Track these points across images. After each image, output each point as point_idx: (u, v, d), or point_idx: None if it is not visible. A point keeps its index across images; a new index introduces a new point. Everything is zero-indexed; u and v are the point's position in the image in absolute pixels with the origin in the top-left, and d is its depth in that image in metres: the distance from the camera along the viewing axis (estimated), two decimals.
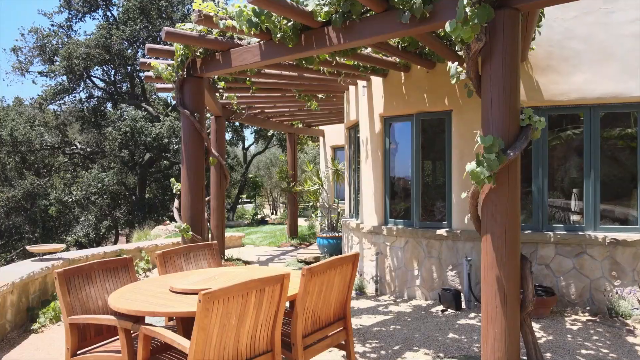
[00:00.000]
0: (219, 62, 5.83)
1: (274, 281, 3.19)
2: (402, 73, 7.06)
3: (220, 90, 8.06)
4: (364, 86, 7.74)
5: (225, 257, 10.08)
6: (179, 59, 5.89)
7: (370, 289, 7.39)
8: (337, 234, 9.76)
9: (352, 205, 8.94)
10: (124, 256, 4.28)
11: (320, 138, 15.27)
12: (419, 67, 6.86)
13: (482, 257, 3.80)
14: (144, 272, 8.89)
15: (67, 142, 19.78)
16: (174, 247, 6.21)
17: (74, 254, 7.78)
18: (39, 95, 19.01)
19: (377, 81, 7.44)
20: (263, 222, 20.22)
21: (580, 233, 6.07)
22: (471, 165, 3.64)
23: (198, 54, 5.89)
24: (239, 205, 28.94)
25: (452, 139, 6.70)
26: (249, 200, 22.08)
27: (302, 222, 18.38)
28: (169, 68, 6.14)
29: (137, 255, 9.31)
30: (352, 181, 8.94)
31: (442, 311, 6.12)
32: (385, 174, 7.41)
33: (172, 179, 6.28)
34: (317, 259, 9.79)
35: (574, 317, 5.85)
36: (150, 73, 7.21)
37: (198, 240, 6.00)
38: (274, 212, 39.85)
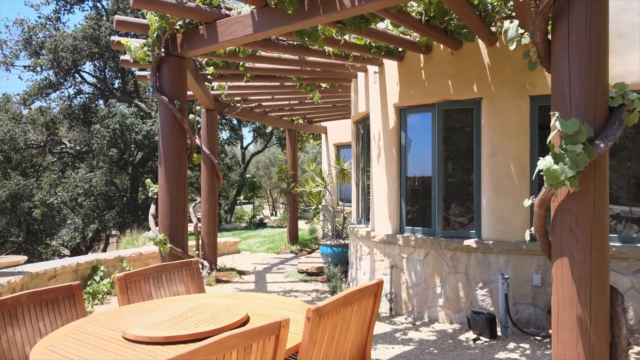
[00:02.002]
0: (203, 37, 4.79)
1: (266, 333, 2.14)
2: (422, 55, 6.01)
3: (209, 77, 7.00)
4: (375, 72, 6.69)
5: (218, 267, 9.04)
6: (155, 34, 4.85)
7: (383, 308, 6.34)
8: (342, 242, 8.72)
9: (360, 210, 7.89)
10: (70, 283, 3.24)
11: (323, 136, 14.22)
12: (442, 47, 5.82)
13: (554, 288, 2.75)
14: None
15: (55, 141, 18.70)
16: (142, 267, 5.18)
17: (38, 266, 6.73)
18: (24, 91, 17.97)
19: (391, 66, 6.39)
20: (261, 224, 19.19)
21: None
22: (546, 162, 2.58)
23: (178, 27, 4.85)
24: (238, 206, 27.88)
25: (482, 132, 5.65)
26: (246, 201, 20.99)
27: (302, 225, 17.34)
28: (145, 47, 5.09)
29: (118, 266, 8.26)
30: (360, 182, 7.90)
31: (474, 340, 5.06)
32: (400, 174, 6.37)
33: (148, 180, 5.23)
34: (320, 270, 8.74)
35: (637, 348, 4.80)
36: (128, 57, 6.18)
37: (178, 255, 4.95)
38: (274, 213, 38.80)
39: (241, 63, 6.66)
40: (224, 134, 35.78)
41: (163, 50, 4.99)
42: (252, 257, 11.31)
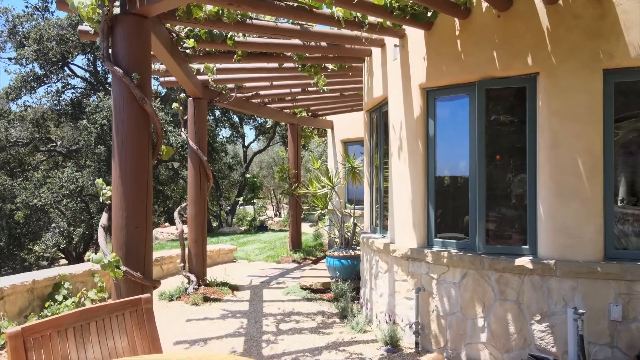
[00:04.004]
0: None
1: None
2: (457, 21, 4.70)
3: (189, 53, 5.71)
4: (396, 45, 5.38)
5: (207, 281, 7.76)
6: None
7: (406, 341, 5.04)
8: (352, 253, 7.41)
9: (374, 215, 6.59)
10: None
11: (328, 131, 12.91)
12: (485, 7, 4.51)
13: None
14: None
15: (42, 139, 17.47)
16: (52, 316, 3.88)
17: None
18: (8, 85, 16.78)
19: (416, 36, 5.09)
20: (262, 228, 17.91)
21: None
22: None
23: None
24: (241, 207, 26.54)
25: (539, 117, 4.34)
26: (246, 202, 19.72)
27: (306, 229, 16.04)
28: (94, 3, 3.80)
29: (88, 282, 7.00)
30: (374, 182, 6.60)
31: None
32: (427, 173, 5.07)
33: (99, 180, 3.95)
34: (326, 286, 7.44)
35: None
36: (87, 27, 4.93)
37: (136, 281, 3.67)
38: (278, 214, 37.50)
39: (229, 35, 5.37)
40: (224, 132, 34.57)
41: (117, 3, 3.72)
42: (249, 267, 10.02)
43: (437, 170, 5.05)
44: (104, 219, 3.86)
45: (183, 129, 7.77)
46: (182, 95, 7.44)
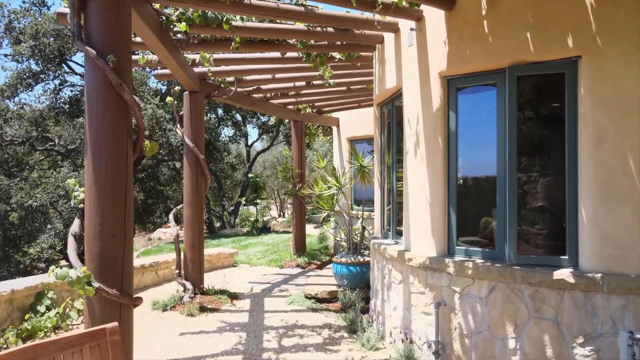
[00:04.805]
0: None
1: None
2: None
3: (180, 37, 5.16)
4: (412, 29, 4.80)
5: (204, 289, 7.21)
6: None
7: None
8: (361, 259, 6.84)
9: (385, 219, 6.03)
10: None
11: (334, 129, 12.33)
12: None
13: None
14: (51, 332, 5.72)
15: (40, 138, 16.96)
16: None
17: None
18: (3, 82, 16.29)
19: (436, 18, 4.51)
20: (265, 229, 17.34)
21: None
22: None
23: None
24: (244, 207, 25.92)
25: (580, 108, 3.76)
26: (248, 203, 19.16)
27: (310, 230, 15.47)
28: None
29: (75, 290, 6.44)
30: (385, 183, 6.03)
31: None
32: (448, 172, 4.49)
33: (70, 181, 3.40)
34: (333, 295, 6.87)
35: None
36: (65, 8, 4.38)
37: (112, 299, 3.12)
38: (282, 214, 36.91)
39: (225, 18, 4.81)
40: (228, 132, 34.02)
41: None
42: (250, 272, 9.46)
43: (459, 169, 4.47)
44: (75, 225, 3.31)
45: (178, 125, 7.22)
46: (177, 88, 6.89)
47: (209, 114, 22.19)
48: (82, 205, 3.31)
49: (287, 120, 18.85)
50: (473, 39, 4.22)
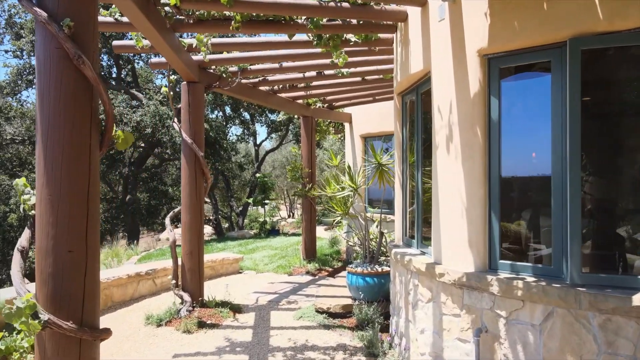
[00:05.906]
0: None
1: None
2: None
3: (169, 12, 4.44)
4: (444, 0, 4.03)
5: (204, 300, 6.50)
6: None
7: None
8: (379, 269, 6.08)
9: (408, 224, 5.26)
10: None
11: (346, 125, 11.58)
12: None
13: None
14: None
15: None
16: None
17: None
18: (3, 79, 15.78)
19: None
20: (274, 232, 16.61)
21: None
22: None
23: None
24: (253, 208, 25.18)
25: None
26: (256, 204, 18.45)
27: (321, 232, 14.70)
28: None
29: None
30: (407, 183, 5.26)
31: None
32: (490, 172, 3.72)
33: (18, 181, 2.70)
34: (347, 309, 6.11)
35: None
36: None
37: (66, 333, 2.40)
38: (291, 214, 36.17)
39: None
40: (236, 130, 33.39)
41: None
42: (256, 280, 8.74)
43: (503, 167, 3.70)
44: (23, 238, 2.60)
45: (175, 120, 6.52)
46: (173, 77, 6.18)
47: (216, 112, 21.56)
48: (33, 211, 2.61)
49: (296, 117, 18.14)
50: (522, 6, 3.44)
